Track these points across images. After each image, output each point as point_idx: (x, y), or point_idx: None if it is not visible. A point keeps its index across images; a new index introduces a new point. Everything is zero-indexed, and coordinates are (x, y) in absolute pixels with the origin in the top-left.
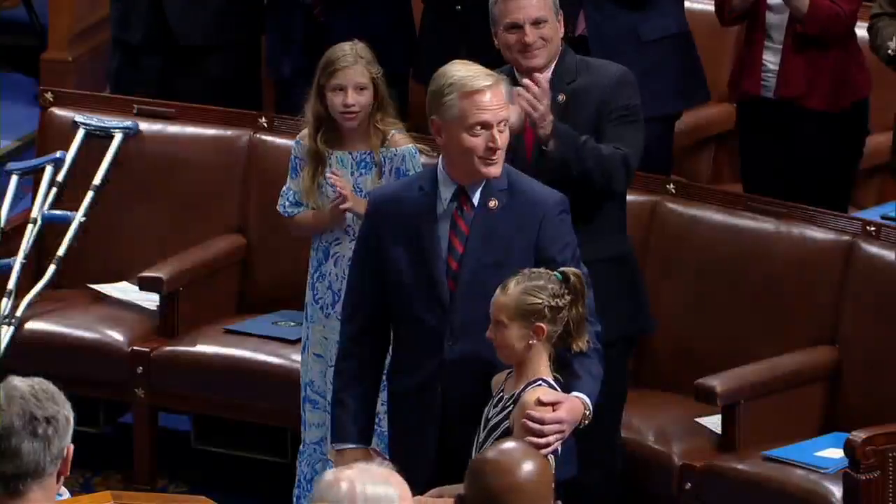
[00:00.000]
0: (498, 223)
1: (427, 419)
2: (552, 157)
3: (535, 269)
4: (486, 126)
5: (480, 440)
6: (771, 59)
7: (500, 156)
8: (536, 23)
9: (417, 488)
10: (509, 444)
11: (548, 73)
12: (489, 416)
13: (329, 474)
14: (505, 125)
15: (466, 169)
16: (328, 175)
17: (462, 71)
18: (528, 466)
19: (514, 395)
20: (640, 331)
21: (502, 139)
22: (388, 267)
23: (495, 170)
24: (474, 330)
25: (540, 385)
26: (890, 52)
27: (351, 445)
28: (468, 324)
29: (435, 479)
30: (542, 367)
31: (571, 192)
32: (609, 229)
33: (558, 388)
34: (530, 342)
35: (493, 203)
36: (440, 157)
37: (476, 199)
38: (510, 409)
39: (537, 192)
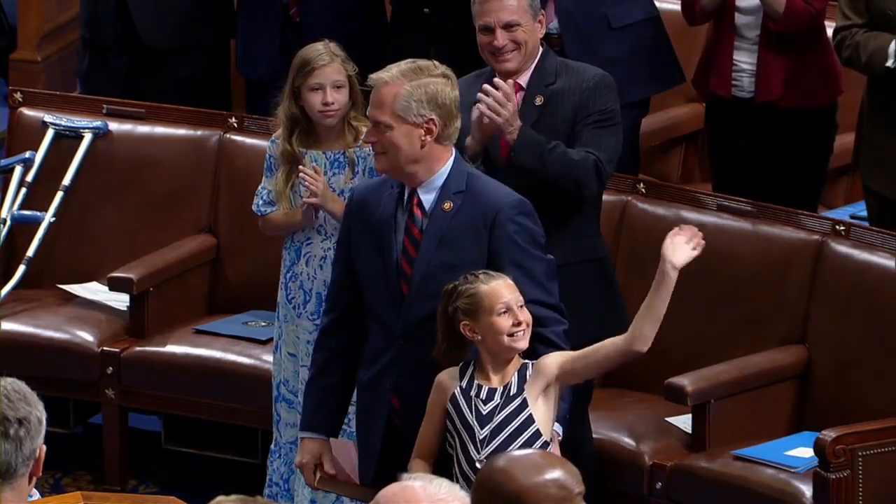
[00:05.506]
0: (451, 226)
1: (376, 413)
2: (517, 165)
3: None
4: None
5: (481, 437)
6: (743, 59)
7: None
8: (508, 26)
9: (366, 477)
10: (520, 453)
11: (526, 76)
12: (483, 410)
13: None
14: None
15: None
16: (301, 174)
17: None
18: (553, 474)
19: (507, 386)
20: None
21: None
22: (356, 262)
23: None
24: (424, 330)
25: (530, 361)
26: (889, 64)
27: (311, 435)
28: (419, 324)
29: (378, 472)
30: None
31: (545, 195)
32: (584, 232)
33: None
34: None
35: (447, 205)
36: None
37: (431, 202)
38: (518, 402)
39: (492, 194)
